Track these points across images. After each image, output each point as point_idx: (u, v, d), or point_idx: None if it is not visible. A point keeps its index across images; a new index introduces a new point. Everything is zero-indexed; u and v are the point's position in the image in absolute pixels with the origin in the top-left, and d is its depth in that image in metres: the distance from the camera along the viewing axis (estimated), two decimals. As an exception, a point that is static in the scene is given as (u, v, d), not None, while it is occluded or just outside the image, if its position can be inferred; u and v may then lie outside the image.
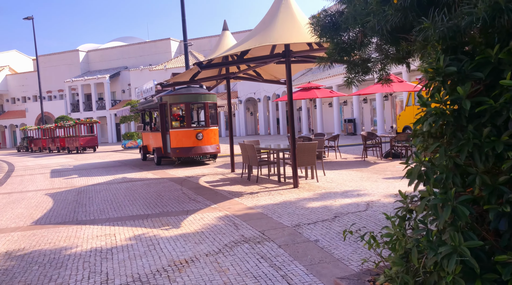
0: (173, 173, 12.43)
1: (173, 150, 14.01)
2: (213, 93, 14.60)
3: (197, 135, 13.94)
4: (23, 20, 38.88)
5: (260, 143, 11.58)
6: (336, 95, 14.10)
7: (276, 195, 7.59)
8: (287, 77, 8.26)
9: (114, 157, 21.22)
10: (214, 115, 14.68)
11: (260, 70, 11.85)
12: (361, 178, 9.18)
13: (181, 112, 14.80)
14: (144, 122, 18.34)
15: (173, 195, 8.38)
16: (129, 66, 48.12)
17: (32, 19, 38.43)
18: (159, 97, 14.43)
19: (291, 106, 8.36)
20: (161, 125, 14.70)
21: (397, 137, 12.48)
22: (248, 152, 9.66)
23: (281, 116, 34.37)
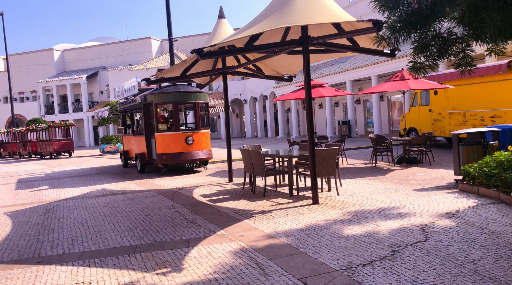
0: (160, 183, 10.77)
1: (159, 156, 12.34)
2: (204, 91, 13.01)
3: (187, 139, 12.32)
4: (-8, 16, 36.30)
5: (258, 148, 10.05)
6: (344, 94, 12.72)
7: (296, 215, 6.08)
8: (304, 71, 6.77)
9: (91, 163, 19.32)
10: (206, 116, 13.08)
11: (261, 65, 10.34)
12: (386, 190, 7.78)
13: (168, 113, 13.13)
14: (125, 125, 16.54)
15: (164, 215, 6.77)
16: (107, 66, 45.87)
17: (2, 15, 35.97)
18: (143, 96, 12.74)
19: (309, 104, 6.87)
20: (145, 127, 13.01)
21: (413, 140, 11.17)
22: (252, 159, 8.13)
23: (269, 118, 32.94)
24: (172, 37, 18.12)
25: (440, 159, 11.85)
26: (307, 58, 6.74)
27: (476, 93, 12.62)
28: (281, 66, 10.15)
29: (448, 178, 8.67)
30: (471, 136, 7.97)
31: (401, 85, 10.87)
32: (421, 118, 15.23)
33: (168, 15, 17.83)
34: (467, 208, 5.90)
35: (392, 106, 24.16)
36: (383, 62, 20.34)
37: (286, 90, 29.14)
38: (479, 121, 12.58)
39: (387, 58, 20.08)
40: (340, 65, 25.18)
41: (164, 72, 9.30)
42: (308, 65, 6.77)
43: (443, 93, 14.02)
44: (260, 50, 6.65)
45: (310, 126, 6.86)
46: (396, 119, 24.02)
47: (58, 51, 47.59)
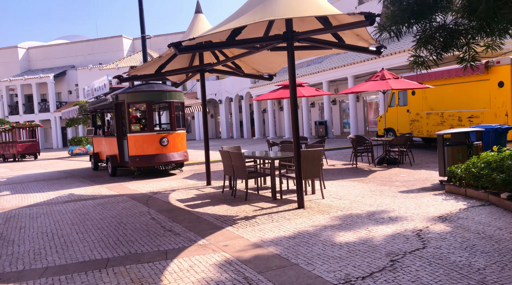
0: (133, 187, 10.17)
1: (132, 159, 11.72)
2: (180, 90, 12.48)
3: (162, 141, 11.75)
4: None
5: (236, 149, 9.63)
6: (323, 94, 12.47)
7: (282, 221, 5.71)
8: (289, 69, 6.42)
9: (59, 166, 18.34)
10: (181, 116, 12.54)
11: (240, 63, 9.93)
12: (372, 192, 7.53)
13: (141, 113, 12.52)
14: (95, 125, 15.75)
15: (139, 223, 6.25)
16: (76, 65, 44.26)
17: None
18: (114, 95, 12.08)
19: (294, 103, 6.52)
20: (116, 128, 12.35)
21: (393, 141, 11.04)
22: (233, 161, 7.71)
23: (245, 118, 32.55)
24: (145, 34, 17.44)
25: (419, 160, 11.78)
26: (292, 55, 6.39)
27: (453, 94, 12.66)
28: (261, 64, 9.78)
29: (432, 179, 8.52)
30: (456, 136, 7.84)
31: (381, 85, 10.71)
32: (399, 118, 15.21)
33: (140, 11, 17.15)
34: (458, 211, 5.69)
35: (367, 107, 24.26)
36: (359, 63, 20.33)
37: (263, 90, 28.84)
38: (456, 121, 12.62)
39: (364, 58, 20.08)
40: (317, 65, 25.08)
41: (137, 69, 8.74)
42: (293, 63, 6.42)
43: (421, 94, 14.03)
44: (242, 45, 6.24)
45: (295, 126, 6.51)
46: (372, 120, 24.13)
47: (23, 49, 45.55)
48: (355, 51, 7.02)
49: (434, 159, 11.76)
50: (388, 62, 18.47)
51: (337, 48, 6.83)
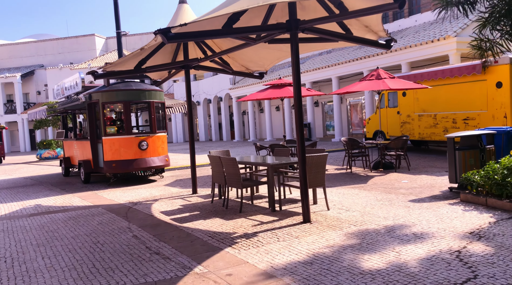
0: (110, 196, 9.12)
1: (107, 164, 10.64)
2: (160, 89, 11.49)
3: (140, 144, 10.73)
4: None
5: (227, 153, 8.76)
6: (315, 94, 11.75)
7: (290, 240, 4.89)
8: (293, 65, 5.61)
9: (25, 172, 16.91)
10: (162, 117, 11.55)
11: (228, 59, 9.07)
12: (379, 201, 6.82)
13: (117, 114, 11.45)
14: (66, 128, 14.50)
15: (119, 242, 5.29)
16: (46, 65, 42.18)
17: None
18: (87, 94, 10.97)
19: (299, 104, 5.72)
20: (90, 131, 11.23)
21: (390, 144, 10.42)
22: (225, 168, 6.84)
23: (224, 120, 31.62)
24: (121, 30, 16.31)
25: (415, 164, 11.23)
26: (296, 48, 5.59)
27: (447, 95, 12.20)
28: (252, 61, 8.95)
29: (438, 185, 7.91)
30: (467, 139, 7.23)
31: (378, 85, 10.08)
32: (389, 120, 14.70)
33: (115, 5, 16.01)
34: (489, 225, 5.02)
35: (351, 109, 23.82)
36: (344, 63, 19.80)
37: (244, 91, 28.01)
38: (451, 123, 12.16)
39: (348, 59, 19.57)
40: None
41: (114, 64, 7.75)
42: (297, 57, 5.62)
43: (412, 95, 13.55)
44: (240, 34, 5.39)
45: (299, 128, 5.71)
46: (355, 122, 23.69)
47: (-12, 47, 43.06)
48: (363, 44, 6.30)
49: (431, 163, 11.24)
50: (374, 63, 18.01)
51: (345, 41, 6.08)
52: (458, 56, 14.79)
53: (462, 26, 14.77)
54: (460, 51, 14.62)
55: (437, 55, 15.61)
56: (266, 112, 26.22)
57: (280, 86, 11.40)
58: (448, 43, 14.71)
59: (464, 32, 14.64)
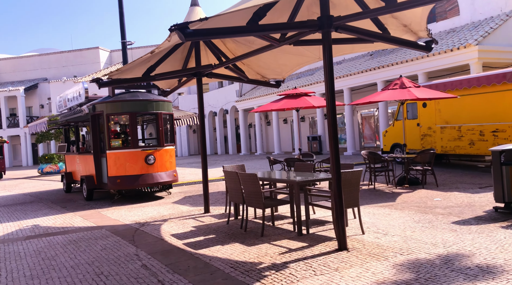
0: (114, 215, 8.36)
1: (111, 180, 9.91)
2: (169, 100, 10.82)
3: (147, 158, 10.01)
4: None
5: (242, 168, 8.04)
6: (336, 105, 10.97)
7: (330, 274, 4.10)
8: (325, 69, 4.91)
9: (26, 187, 16.19)
10: (170, 130, 10.86)
11: (243, 66, 8.40)
12: (418, 223, 6.04)
13: (122, 127, 10.76)
14: (68, 141, 13.82)
15: (126, 274, 4.52)
16: (49, 78, 41.85)
17: None
18: (91, 105, 10.31)
19: (333, 113, 5.00)
20: (93, 144, 10.54)
21: (416, 158, 9.65)
22: (244, 185, 6.09)
23: (230, 133, 30.94)
24: (126, 40, 15.77)
25: (442, 179, 10.44)
26: (329, 50, 4.89)
27: (473, 105, 11.46)
28: (269, 68, 8.27)
29: (479, 204, 7.12)
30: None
31: (403, 94, 9.36)
32: (408, 133, 13.93)
33: (121, 15, 15.51)
34: None
35: (363, 121, 23.09)
36: (356, 74, 19.14)
37: (251, 103, 27.38)
38: (477, 136, 11.39)
39: (360, 69, 18.92)
40: (308, 77, 23.86)
41: (121, 71, 7.08)
42: (331, 60, 4.92)
43: (434, 106, 12.81)
44: (267, 32, 4.68)
45: (333, 140, 4.98)
46: (367, 135, 22.93)
47: (-8, 60, 42.85)
48: (401, 46, 5.59)
49: (459, 178, 10.45)
50: (388, 73, 17.34)
51: (382, 41, 5.38)
52: (479, 65, 14.09)
53: (483, 34, 14.12)
54: (482, 59, 13.94)
55: (456, 64, 14.93)
56: (273, 125, 25.53)
57: (296, 96, 10.71)
58: (469, 51, 14.04)
59: (485, 41, 13.98)
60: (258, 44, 6.98)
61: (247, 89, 29.99)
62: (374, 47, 6.20)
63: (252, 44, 7.14)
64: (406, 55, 17.29)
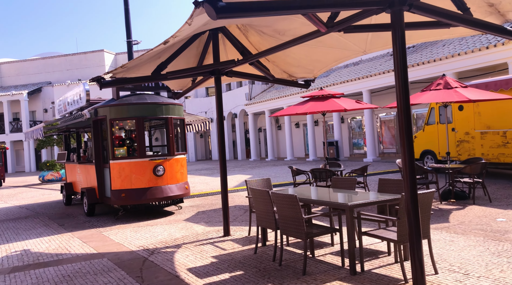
0: (118, 238, 7.16)
1: (115, 194, 8.73)
2: (179, 103, 9.64)
3: (156, 169, 8.83)
4: None
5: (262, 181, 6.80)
6: (367, 107, 9.76)
7: None
8: (397, 59, 3.70)
9: (24, 198, 15.06)
10: (181, 136, 9.68)
11: (268, 63, 7.21)
12: (498, 256, 4.79)
13: (127, 133, 9.59)
14: (68, 148, 12.66)
15: None
16: (53, 81, 40.94)
17: None
18: (93, 109, 9.15)
19: (407, 114, 3.78)
20: (95, 153, 9.37)
21: (465, 169, 8.39)
22: (279, 209, 4.87)
23: (239, 138, 29.76)
24: (132, 39, 14.65)
25: (491, 193, 9.16)
26: (402, 34, 3.68)
27: (521, 108, 10.18)
28: (299, 65, 7.06)
29: (561, 228, 5.85)
30: None
31: (449, 95, 8.12)
32: (441, 138, 12.66)
33: (126, 12, 14.39)
34: None
35: (382, 125, 21.80)
36: (377, 75, 17.87)
37: (261, 107, 26.19)
38: (526, 142, 10.10)
39: (381, 70, 17.67)
40: (323, 79, 22.63)
41: (127, 68, 5.90)
42: (403, 47, 3.71)
43: (472, 108, 11.54)
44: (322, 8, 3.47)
45: (408, 148, 3.75)
46: (387, 140, 21.63)
47: (-5, 64, 42.04)
48: (485, 31, 4.35)
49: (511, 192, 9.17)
50: (412, 74, 16.08)
51: (463, 25, 4.15)
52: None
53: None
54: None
55: (492, 63, 13.66)
56: (286, 129, 24.31)
57: (323, 98, 9.49)
58: (509, 49, 12.77)
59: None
60: (289, 36, 5.80)
61: (257, 92, 28.83)
62: (449, 34, 4.96)
63: (282, 35, 5.95)
64: (432, 54, 16.04)
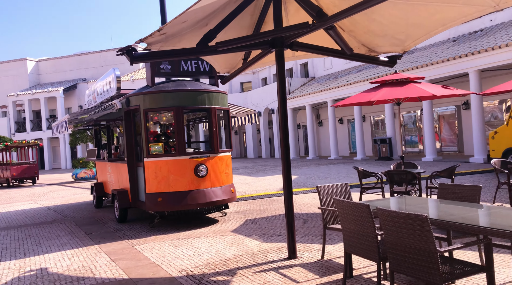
0: (154, 254, 5.73)
1: (150, 198, 7.35)
2: (224, 91, 8.15)
3: (198, 169, 7.37)
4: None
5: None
6: (463, 93, 7.80)
7: None
8: None
9: (53, 198, 14.11)
10: (227, 131, 8.19)
11: (343, 33, 5.55)
12: None
13: (163, 128, 8.20)
14: (98, 144, 11.48)
15: None
16: (88, 78, 40.80)
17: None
18: (124, 99, 7.81)
19: None
20: (127, 149, 8.03)
21: None
22: (392, 235, 3.23)
23: (276, 135, 28.16)
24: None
25: None
26: None
27: None
28: (387, 34, 5.36)
29: None
30: None
31: None
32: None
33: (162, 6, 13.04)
34: None
35: (440, 120, 19.58)
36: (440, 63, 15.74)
37: (302, 101, 24.46)
38: None
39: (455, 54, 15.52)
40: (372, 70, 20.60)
41: (164, 36, 4.42)
42: None
43: None
44: None
45: None
46: (446, 137, 19.40)
47: (33, 62, 42.37)
48: None
49: None
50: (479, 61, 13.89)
51: None
52: None
53: None
54: None
55: None
56: (330, 125, 22.48)
57: (399, 83, 7.71)
58: None
59: None
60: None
61: (296, 85, 27.10)
62: None
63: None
64: (509, 36, 13.80)
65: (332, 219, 5.09)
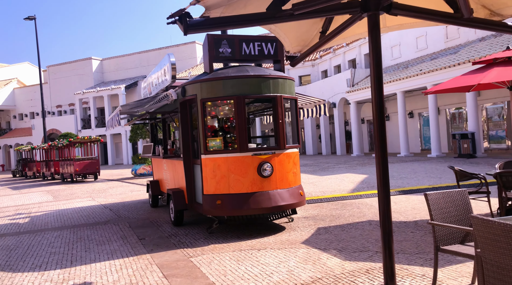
0: (212, 272, 4.75)
1: (208, 200, 6.41)
2: (291, 77, 7.01)
3: (262, 168, 6.32)
4: (25, 20, 32.90)
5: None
6: None
7: None
8: None
9: (112, 194, 13.84)
10: (294, 124, 7.05)
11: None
12: None
13: (220, 122, 7.24)
14: (154, 140, 10.86)
15: None
16: (148, 75, 41.50)
17: (35, 19, 32.45)
18: (179, 88, 6.94)
19: None
20: (183, 144, 7.17)
21: None
22: None
23: (338, 130, 26.51)
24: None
25: None
26: None
27: None
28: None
29: None
30: None
31: None
32: None
33: None
34: None
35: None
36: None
37: (367, 94, 22.67)
38: None
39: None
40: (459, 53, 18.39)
41: None
42: None
43: None
44: None
45: None
46: None
47: (97, 61, 44.01)
48: None
49: None
50: None
51: None
52: None
53: None
54: None
55: None
56: (399, 119, 20.53)
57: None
58: None
59: None
60: None
61: (361, 77, 25.26)
62: None
63: None
64: None
65: (445, 237, 3.78)
